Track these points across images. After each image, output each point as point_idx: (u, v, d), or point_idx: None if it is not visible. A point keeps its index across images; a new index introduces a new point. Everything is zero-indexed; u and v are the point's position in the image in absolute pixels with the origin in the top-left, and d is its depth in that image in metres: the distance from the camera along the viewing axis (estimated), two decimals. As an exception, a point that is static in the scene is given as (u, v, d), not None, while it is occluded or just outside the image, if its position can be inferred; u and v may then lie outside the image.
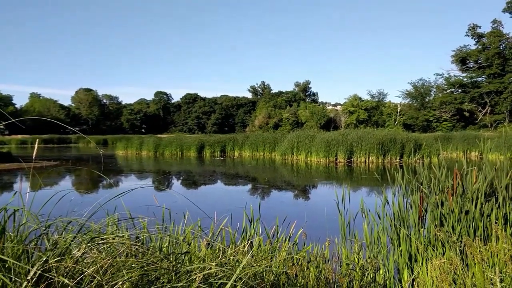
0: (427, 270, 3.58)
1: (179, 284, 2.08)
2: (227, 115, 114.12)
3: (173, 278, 2.13)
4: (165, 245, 3.21)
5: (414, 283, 3.78)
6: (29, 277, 1.71)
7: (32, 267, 1.78)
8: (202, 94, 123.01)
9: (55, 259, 1.89)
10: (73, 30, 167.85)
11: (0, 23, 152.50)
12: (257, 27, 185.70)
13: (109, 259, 2.04)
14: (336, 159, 26.98)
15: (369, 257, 3.95)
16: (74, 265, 1.92)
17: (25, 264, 1.84)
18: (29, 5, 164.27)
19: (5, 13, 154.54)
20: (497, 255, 3.36)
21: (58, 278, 1.79)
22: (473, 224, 4.20)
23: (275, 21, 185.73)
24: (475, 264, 3.34)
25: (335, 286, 3.46)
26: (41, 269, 1.78)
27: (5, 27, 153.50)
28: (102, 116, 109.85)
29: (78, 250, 2.05)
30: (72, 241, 2.10)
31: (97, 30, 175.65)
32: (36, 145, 3.06)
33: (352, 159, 26.62)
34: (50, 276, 1.80)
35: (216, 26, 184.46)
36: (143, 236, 3.07)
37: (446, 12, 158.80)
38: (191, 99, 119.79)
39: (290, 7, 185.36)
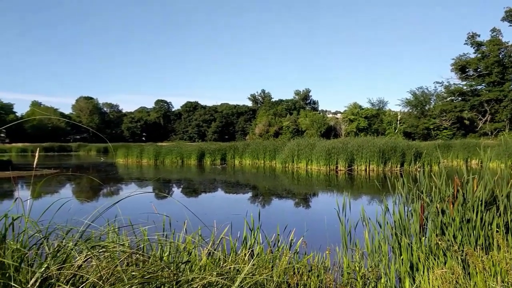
0: (428, 279, 3.56)
1: (180, 293, 2.07)
2: (228, 123, 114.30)
3: (174, 287, 2.12)
4: (166, 254, 3.20)
5: (416, 292, 3.76)
6: (29, 285, 1.70)
7: (33, 274, 1.78)
8: (202, 102, 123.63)
9: (56, 267, 1.88)
10: (73, 38, 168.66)
11: (0, 31, 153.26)
12: (257, 35, 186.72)
13: (110, 268, 2.03)
14: (337, 167, 26.95)
15: (370, 266, 3.94)
16: (76, 273, 1.91)
17: (26, 272, 1.84)
18: (30, 13, 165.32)
19: (6, 21, 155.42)
20: (499, 264, 3.34)
21: (60, 285, 1.79)
22: (475, 233, 4.18)
23: (275, 29, 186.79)
24: (477, 273, 3.32)
25: (336, 295, 3.44)
26: (42, 277, 1.78)
27: (6, 35, 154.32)
28: (102, 124, 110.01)
29: (79, 258, 2.05)
30: (72, 249, 2.09)
31: (98, 38, 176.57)
32: (36, 154, 3.06)
33: (353, 167, 26.60)
34: (52, 284, 1.79)
35: (216, 35, 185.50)
36: (143, 244, 3.06)
37: (445, 21, 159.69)
38: (192, 107, 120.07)
39: (290, 16, 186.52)
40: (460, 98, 69.34)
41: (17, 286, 1.62)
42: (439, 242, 3.91)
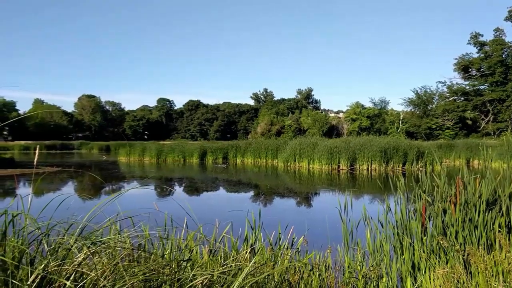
0: (430, 279, 3.55)
1: (181, 291, 2.07)
2: (230, 122, 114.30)
3: (175, 284, 2.12)
4: (167, 252, 3.20)
5: (417, 291, 3.75)
6: (29, 282, 1.69)
7: (33, 271, 1.77)
8: (204, 101, 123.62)
9: (57, 263, 1.88)
10: (76, 36, 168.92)
11: (3, 30, 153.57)
12: (259, 35, 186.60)
13: (111, 264, 2.03)
14: (339, 166, 26.92)
15: (372, 265, 3.93)
16: (76, 269, 1.91)
17: (26, 268, 1.83)
18: (33, 12, 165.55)
19: (8, 19, 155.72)
20: (501, 264, 3.33)
21: (60, 280, 1.78)
22: (476, 232, 4.17)
23: (278, 29, 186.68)
24: (478, 273, 3.31)
25: (338, 294, 3.44)
26: (42, 273, 1.77)
27: (9, 34, 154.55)
28: (104, 123, 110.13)
29: (80, 255, 2.04)
30: (73, 246, 2.09)
31: (101, 36, 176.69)
32: (37, 151, 3.06)
33: (355, 167, 26.56)
34: (52, 280, 1.79)
35: (219, 34, 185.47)
36: (145, 241, 3.05)
37: (448, 21, 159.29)
38: (194, 106, 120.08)
39: (292, 16, 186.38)
40: (462, 98, 69.14)
41: (17, 282, 1.62)
42: (441, 242, 3.89)
